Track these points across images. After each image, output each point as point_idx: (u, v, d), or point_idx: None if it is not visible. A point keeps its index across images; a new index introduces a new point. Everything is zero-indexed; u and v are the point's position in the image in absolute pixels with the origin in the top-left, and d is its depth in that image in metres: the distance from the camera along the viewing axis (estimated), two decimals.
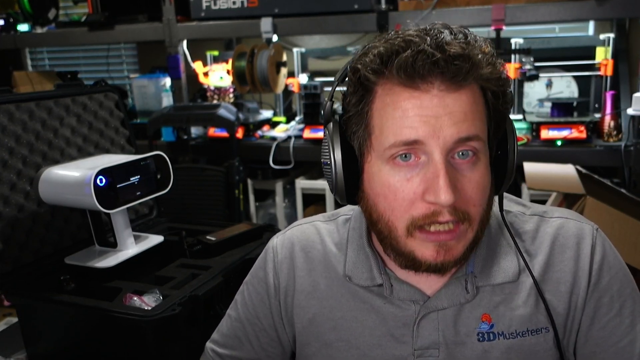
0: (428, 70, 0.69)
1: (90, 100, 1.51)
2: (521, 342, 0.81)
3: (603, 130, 2.37)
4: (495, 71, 0.73)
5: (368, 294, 0.86)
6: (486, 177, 0.75)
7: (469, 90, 0.72)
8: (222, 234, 1.45)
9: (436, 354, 0.82)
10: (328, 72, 3.13)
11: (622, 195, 2.02)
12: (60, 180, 1.24)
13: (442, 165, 0.71)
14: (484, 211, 0.76)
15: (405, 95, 0.71)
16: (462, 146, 0.72)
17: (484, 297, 0.82)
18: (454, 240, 0.74)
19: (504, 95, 0.76)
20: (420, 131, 0.71)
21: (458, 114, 0.71)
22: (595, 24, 2.76)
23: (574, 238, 0.83)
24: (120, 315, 1.09)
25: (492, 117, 0.76)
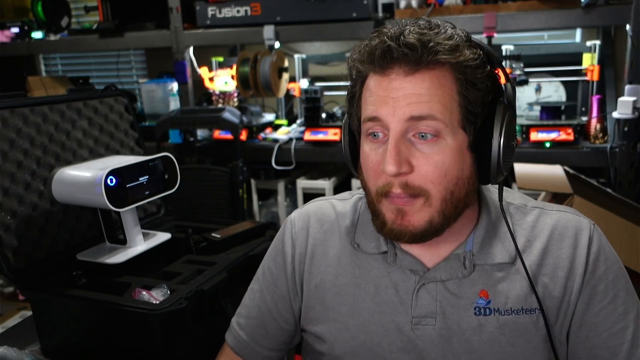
0: (385, 58, 0.78)
1: (101, 104, 1.51)
2: (515, 319, 0.84)
3: (590, 133, 2.39)
4: (456, 58, 0.77)
5: (373, 263, 0.91)
6: (449, 159, 0.79)
7: (429, 75, 0.77)
8: (226, 232, 1.45)
9: (433, 323, 0.86)
10: (328, 77, 3.13)
11: (607, 194, 2.05)
12: (73, 181, 1.24)
13: (393, 139, 0.78)
14: (449, 192, 0.80)
15: (376, 79, 0.81)
16: (418, 125, 0.78)
17: (482, 275, 0.86)
18: (408, 207, 0.80)
19: (473, 84, 0.79)
20: (380, 109, 0.79)
21: (412, 95, 0.77)
22: (582, 31, 2.77)
23: (573, 229, 0.86)
24: (129, 309, 1.08)
25: (464, 105, 0.79)
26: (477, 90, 0.79)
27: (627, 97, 2.14)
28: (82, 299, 1.16)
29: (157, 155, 1.34)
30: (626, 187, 2.23)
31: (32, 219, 1.29)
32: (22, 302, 2.14)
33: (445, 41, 0.77)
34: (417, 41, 0.76)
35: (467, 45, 0.79)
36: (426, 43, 0.77)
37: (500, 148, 0.80)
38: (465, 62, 0.78)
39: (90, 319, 1.19)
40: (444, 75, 0.78)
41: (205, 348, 1.15)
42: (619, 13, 2.20)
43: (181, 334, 1.11)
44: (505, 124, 0.80)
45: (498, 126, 0.80)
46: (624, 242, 1.81)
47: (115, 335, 1.16)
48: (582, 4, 2.24)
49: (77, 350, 1.23)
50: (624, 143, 2.21)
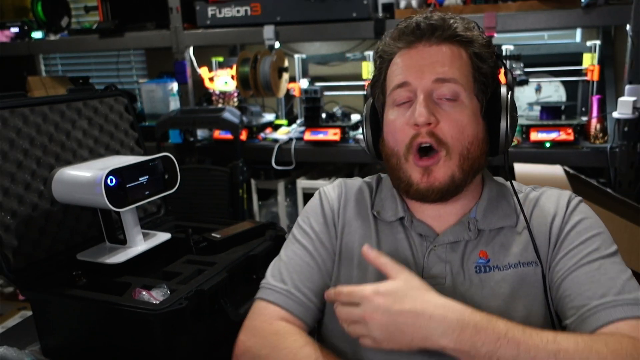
0: (414, 32, 0.94)
1: (101, 104, 1.51)
2: (514, 272, 0.95)
3: (590, 133, 2.39)
4: (471, 35, 0.94)
5: (392, 228, 1.03)
6: (467, 119, 0.93)
7: (450, 47, 0.93)
8: (226, 232, 1.45)
9: (442, 282, 0.96)
10: (328, 77, 3.15)
11: (607, 194, 2.04)
12: (73, 181, 1.24)
13: (421, 95, 0.92)
14: (465, 148, 0.93)
15: (404, 54, 0.96)
16: (441, 87, 0.92)
17: (483, 239, 0.98)
18: (435, 165, 0.93)
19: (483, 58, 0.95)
20: (408, 75, 0.94)
21: (437, 62, 0.93)
22: (583, 31, 2.77)
23: (557, 194, 1.00)
24: (129, 309, 1.08)
25: (478, 77, 0.94)
26: (486, 65, 0.95)
27: (627, 97, 2.14)
28: (82, 299, 1.16)
29: (157, 155, 1.35)
30: (626, 187, 2.23)
31: (32, 219, 1.29)
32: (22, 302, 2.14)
33: (461, 24, 0.95)
34: (440, 19, 0.94)
35: (478, 28, 0.97)
36: (447, 21, 0.94)
37: (508, 118, 0.94)
38: (477, 41, 0.95)
39: (90, 319, 1.19)
40: (461, 49, 0.94)
41: (205, 348, 1.16)
42: (619, 13, 2.20)
43: (181, 334, 1.11)
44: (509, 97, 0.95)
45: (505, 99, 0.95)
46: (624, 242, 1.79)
47: (115, 335, 1.16)
48: (582, 4, 2.24)
49: (77, 350, 1.23)
50: (624, 143, 2.21)
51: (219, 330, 1.13)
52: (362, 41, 3.07)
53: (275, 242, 1.45)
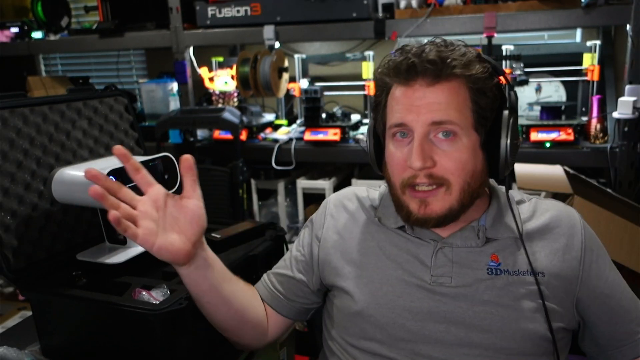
0: (411, 72, 0.94)
1: (101, 104, 1.50)
2: (522, 279, 0.98)
3: (590, 133, 2.39)
4: (469, 72, 0.93)
5: (394, 233, 1.06)
6: (466, 155, 0.94)
7: (447, 86, 0.93)
8: (226, 232, 1.44)
9: (449, 282, 0.99)
10: (328, 77, 3.15)
11: (607, 194, 2.04)
12: (73, 181, 1.24)
13: (418, 140, 0.93)
14: (466, 183, 0.95)
15: (401, 90, 0.97)
16: (439, 128, 0.93)
17: (493, 245, 1.01)
18: (432, 198, 0.96)
19: (483, 92, 0.95)
20: (406, 116, 0.95)
21: (433, 104, 0.93)
22: (583, 31, 2.77)
23: (566, 214, 1.03)
24: (129, 309, 1.08)
25: (476, 110, 0.94)
26: (486, 98, 0.95)
27: (627, 97, 2.14)
28: (82, 299, 1.15)
29: (157, 155, 1.34)
30: (626, 187, 2.23)
31: (32, 219, 1.28)
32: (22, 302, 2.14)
33: (460, 57, 0.94)
34: (437, 57, 0.93)
35: (477, 60, 0.95)
36: (444, 59, 0.93)
37: (508, 146, 0.95)
38: (477, 75, 0.94)
39: (90, 319, 1.18)
40: (459, 86, 0.94)
41: (205, 348, 1.15)
42: (619, 13, 2.20)
43: (181, 334, 1.11)
44: (510, 126, 0.95)
45: (505, 128, 0.95)
46: (624, 242, 1.81)
47: (115, 336, 1.16)
48: (582, 4, 2.24)
49: (77, 350, 1.22)
50: (624, 143, 2.21)
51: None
52: (362, 41, 3.07)
53: (275, 242, 1.44)
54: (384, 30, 2.53)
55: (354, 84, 2.94)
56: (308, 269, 1.15)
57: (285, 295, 1.16)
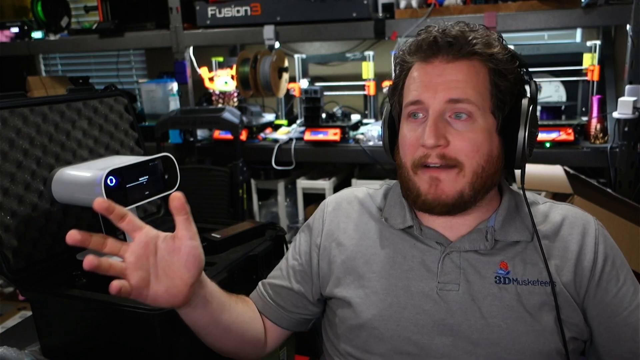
0: (431, 47, 0.92)
1: (101, 104, 1.50)
2: (532, 289, 0.94)
3: (590, 133, 2.39)
4: (490, 52, 0.91)
5: (401, 235, 1.02)
6: (481, 137, 0.91)
7: (467, 64, 0.91)
8: (226, 232, 1.45)
9: (456, 288, 0.95)
10: (328, 77, 3.15)
11: (608, 194, 2.03)
12: (72, 181, 1.24)
13: (432, 118, 0.91)
14: (480, 166, 0.91)
15: (420, 67, 0.94)
16: (454, 107, 0.91)
17: (502, 250, 0.96)
18: (443, 176, 0.92)
19: (503, 74, 0.92)
20: (423, 94, 0.92)
21: (452, 81, 0.91)
22: (583, 31, 2.77)
23: (581, 220, 0.98)
24: (129, 309, 1.08)
25: (495, 93, 0.92)
26: (506, 81, 0.92)
27: (627, 97, 2.14)
28: (81, 299, 1.16)
29: (157, 155, 1.34)
30: (626, 187, 2.23)
31: (32, 219, 1.29)
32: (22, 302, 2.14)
33: (482, 37, 0.92)
34: (459, 34, 0.91)
35: (499, 42, 0.94)
36: (466, 37, 0.91)
37: (526, 135, 0.92)
38: (497, 55, 0.92)
39: (90, 319, 1.19)
40: (479, 66, 0.91)
41: (205, 348, 1.14)
42: (619, 13, 2.20)
43: (181, 334, 1.09)
44: (530, 114, 0.92)
45: (524, 116, 0.92)
46: (624, 242, 1.79)
47: (115, 335, 1.16)
48: (582, 4, 2.24)
49: (77, 350, 1.23)
50: (624, 143, 2.21)
51: None
52: (362, 41, 3.07)
53: (275, 242, 1.45)
54: (384, 30, 2.53)
55: (354, 84, 2.94)
56: (307, 279, 1.10)
57: (284, 307, 1.11)
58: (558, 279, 0.94)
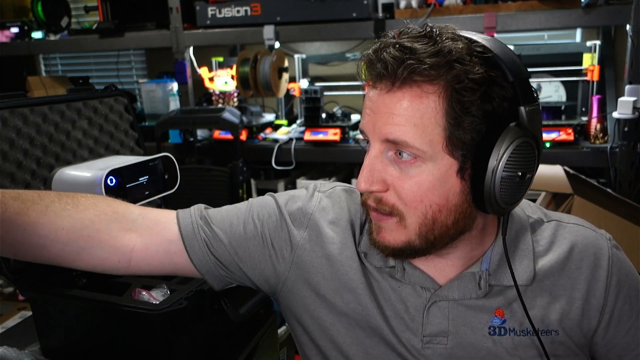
0: (372, 73, 0.75)
1: (101, 104, 1.49)
2: (531, 340, 0.81)
3: (590, 133, 2.39)
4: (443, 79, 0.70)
5: (381, 275, 0.86)
6: (429, 183, 0.73)
7: (410, 94, 0.71)
8: None
9: (444, 342, 0.82)
10: (328, 77, 3.15)
11: (608, 194, 2.03)
12: (73, 181, 1.24)
13: (369, 157, 0.76)
14: (428, 217, 0.75)
15: (368, 89, 0.77)
16: (393, 147, 0.74)
17: (498, 295, 0.82)
18: (384, 225, 0.78)
19: (464, 106, 0.70)
20: (365, 123, 0.77)
21: (390, 115, 0.72)
22: (583, 31, 2.77)
23: (592, 248, 0.83)
24: (129, 309, 1.07)
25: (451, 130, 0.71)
26: (468, 115, 0.71)
27: (627, 97, 2.13)
28: (82, 299, 1.15)
29: (157, 155, 1.34)
30: (626, 187, 2.23)
31: None
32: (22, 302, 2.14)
33: (430, 58, 0.70)
34: (393, 58, 0.71)
35: (466, 61, 0.70)
36: (404, 60, 0.70)
37: (496, 178, 0.72)
38: (454, 83, 0.70)
39: (90, 319, 1.19)
40: (426, 95, 0.71)
41: (205, 348, 1.15)
42: (619, 13, 2.20)
43: (181, 334, 1.11)
44: (508, 152, 0.71)
45: (497, 153, 0.71)
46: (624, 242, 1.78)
47: (115, 336, 1.16)
48: (582, 4, 2.24)
49: (77, 351, 1.22)
50: (624, 143, 2.21)
51: (219, 330, 1.13)
52: (362, 41, 3.06)
53: None
54: (384, 30, 2.46)
55: (354, 84, 2.94)
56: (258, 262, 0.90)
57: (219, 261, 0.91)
58: (563, 325, 0.82)
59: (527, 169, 0.73)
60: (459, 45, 0.71)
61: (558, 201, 1.94)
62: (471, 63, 0.70)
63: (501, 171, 0.71)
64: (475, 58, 0.71)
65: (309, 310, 0.90)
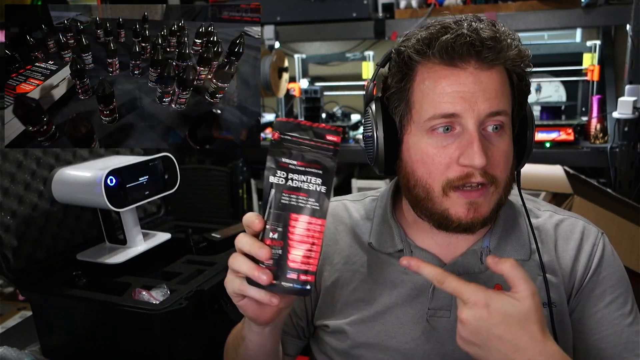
0: (466, 50, 0.78)
1: None
2: None
3: (590, 133, 2.40)
4: (521, 54, 0.82)
5: (390, 259, 0.93)
6: (510, 148, 0.84)
7: (499, 70, 0.81)
8: (226, 232, 1.45)
9: (448, 315, 0.88)
10: (328, 77, 3.15)
11: (608, 194, 2.04)
12: (73, 180, 1.24)
13: (476, 134, 0.80)
14: (508, 178, 0.85)
15: (445, 73, 0.80)
16: (493, 119, 0.81)
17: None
18: (482, 197, 0.82)
19: (526, 77, 0.85)
20: (458, 105, 0.80)
21: (491, 90, 0.80)
22: (583, 31, 2.76)
23: (579, 233, 0.91)
24: (129, 309, 1.08)
25: (516, 97, 0.85)
26: (524, 86, 0.86)
27: (627, 97, 2.13)
28: (82, 299, 1.16)
29: (157, 155, 1.35)
30: (626, 187, 2.22)
31: (32, 219, 1.29)
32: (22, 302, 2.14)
33: (512, 39, 0.82)
34: (493, 37, 0.79)
35: (520, 45, 0.84)
36: (501, 39, 0.80)
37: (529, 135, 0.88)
38: (524, 61, 0.83)
39: (90, 319, 1.19)
40: (505, 72, 0.83)
41: (205, 348, 1.16)
42: (619, 13, 2.21)
43: (181, 334, 1.11)
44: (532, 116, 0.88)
45: (530, 118, 0.88)
46: (624, 242, 1.81)
47: (115, 335, 1.16)
48: (582, 4, 2.25)
49: (77, 350, 1.23)
50: (624, 143, 2.21)
51: (219, 330, 1.13)
52: (362, 41, 3.06)
53: None
54: (384, 30, 2.54)
55: (354, 84, 2.94)
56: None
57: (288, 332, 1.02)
58: (559, 299, 0.88)
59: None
60: (513, 32, 0.85)
61: (558, 201, 1.94)
62: (522, 46, 0.84)
63: (532, 129, 0.88)
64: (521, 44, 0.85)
65: None
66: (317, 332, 1.01)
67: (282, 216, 0.71)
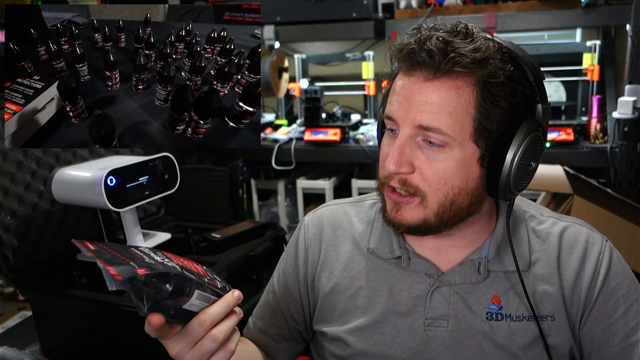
0: (409, 60, 0.79)
1: None
2: (526, 326, 0.86)
3: (590, 133, 2.39)
4: (480, 71, 0.76)
5: (388, 266, 0.93)
6: (453, 168, 0.79)
7: (447, 84, 0.77)
8: (226, 232, 1.46)
9: (445, 325, 0.88)
10: (328, 77, 3.15)
11: (608, 194, 2.03)
12: (73, 181, 1.25)
13: (399, 141, 0.80)
14: (447, 199, 0.81)
15: (401, 78, 0.82)
16: (425, 133, 0.79)
17: (496, 281, 0.88)
18: (405, 205, 0.83)
19: (493, 99, 0.77)
20: (396, 110, 0.81)
21: (425, 103, 0.78)
22: (583, 31, 2.76)
23: (583, 242, 0.88)
24: (129, 309, 1.09)
25: (480, 120, 0.78)
26: (496, 108, 0.78)
27: (627, 97, 2.13)
28: (81, 298, 1.16)
29: (157, 155, 1.35)
30: (626, 187, 2.22)
31: (32, 219, 1.29)
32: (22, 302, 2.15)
33: (470, 53, 0.76)
34: (438, 49, 0.76)
35: (498, 59, 0.78)
36: (448, 52, 0.76)
37: (513, 167, 0.78)
38: (488, 77, 0.77)
39: (90, 318, 1.20)
40: (463, 87, 0.77)
41: None
42: (619, 13, 2.21)
43: None
44: (525, 143, 0.78)
45: (516, 144, 0.78)
46: (624, 242, 1.81)
47: (114, 335, 1.17)
48: (582, 4, 2.25)
49: (77, 350, 1.23)
50: (624, 143, 2.21)
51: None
52: (362, 41, 3.06)
53: (275, 242, 1.46)
54: (384, 30, 2.54)
55: (354, 84, 2.94)
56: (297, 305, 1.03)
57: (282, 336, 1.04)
58: (559, 311, 0.87)
59: (536, 159, 0.82)
60: (491, 44, 0.79)
61: (558, 201, 1.95)
62: (502, 61, 0.78)
63: (519, 160, 0.78)
64: (505, 57, 0.79)
65: None
66: (316, 336, 1.02)
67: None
